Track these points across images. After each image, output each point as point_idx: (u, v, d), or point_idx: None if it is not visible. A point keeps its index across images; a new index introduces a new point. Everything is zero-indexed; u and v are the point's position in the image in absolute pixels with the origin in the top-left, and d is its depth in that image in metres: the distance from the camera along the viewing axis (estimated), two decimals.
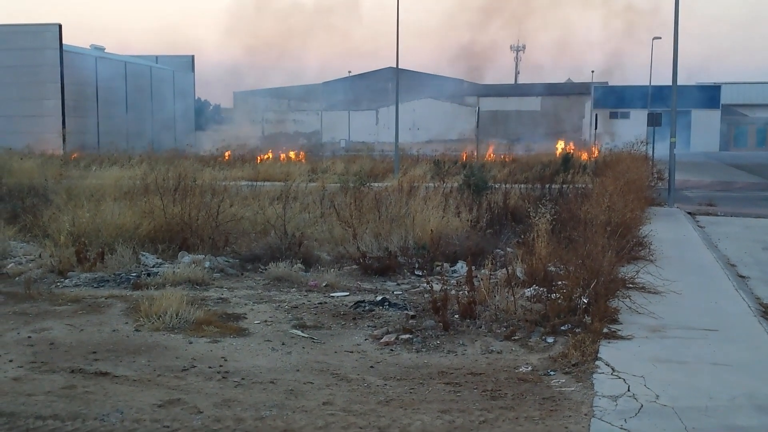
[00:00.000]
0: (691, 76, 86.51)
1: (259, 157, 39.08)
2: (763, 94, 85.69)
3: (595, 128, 52.81)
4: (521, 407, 6.10)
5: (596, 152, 44.32)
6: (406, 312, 9.07)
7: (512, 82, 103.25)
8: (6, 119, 53.89)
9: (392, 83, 48.77)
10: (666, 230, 16.55)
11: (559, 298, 8.64)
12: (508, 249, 12.74)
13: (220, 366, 7.08)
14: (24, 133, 49.21)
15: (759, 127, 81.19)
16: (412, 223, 13.33)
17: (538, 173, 27.15)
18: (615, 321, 8.45)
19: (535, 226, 11.47)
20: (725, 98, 79.97)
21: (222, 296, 9.96)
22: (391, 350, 7.70)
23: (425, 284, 9.92)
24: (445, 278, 9.88)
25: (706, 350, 7.59)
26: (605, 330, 8.01)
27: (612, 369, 6.91)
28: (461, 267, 11.49)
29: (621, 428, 5.62)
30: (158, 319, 8.33)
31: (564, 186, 20.28)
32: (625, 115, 76.33)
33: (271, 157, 40.01)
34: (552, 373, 6.95)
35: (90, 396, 6.24)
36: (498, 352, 7.62)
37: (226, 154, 38.23)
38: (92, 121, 59.35)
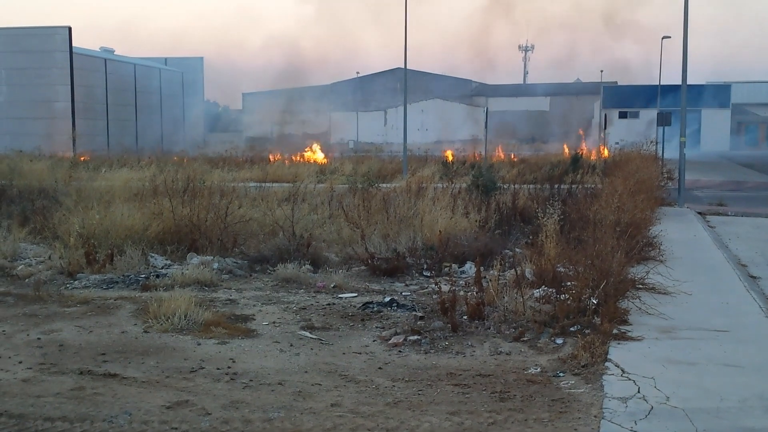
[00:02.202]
0: (701, 75, 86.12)
1: (273, 157, 39.21)
2: None
3: (605, 128, 52.62)
4: (530, 409, 6.07)
5: (605, 152, 44.15)
6: (414, 313, 9.05)
7: (521, 81, 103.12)
8: (16, 121, 54.24)
9: (400, 84, 48.76)
10: (676, 230, 16.46)
11: (569, 299, 8.60)
12: (517, 250, 12.69)
13: (229, 367, 7.08)
14: (34, 135, 49.49)
15: None
16: (420, 224, 13.31)
17: (547, 173, 27.07)
18: (625, 322, 8.40)
19: (544, 226, 11.43)
20: (735, 97, 79.57)
21: (230, 297, 9.97)
22: (400, 351, 7.68)
23: (434, 285, 9.90)
24: (454, 279, 9.87)
25: (716, 351, 7.54)
26: (615, 331, 7.97)
27: (622, 370, 6.87)
28: (470, 268, 11.47)
29: (631, 430, 5.58)
30: (167, 320, 8.34)
31: (573, 186, 20.20)
32: (635, 115, 76.09)
33: (281, 158, 40.12)
34: (561, 374, 6.92)
35: (99, 397, 6.25)
36: (507, 354, 7.59)
37: (241, 159, 38.29)
38: (102, 123, 59.65)
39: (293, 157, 40.69)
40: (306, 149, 44.26)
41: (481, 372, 7.01)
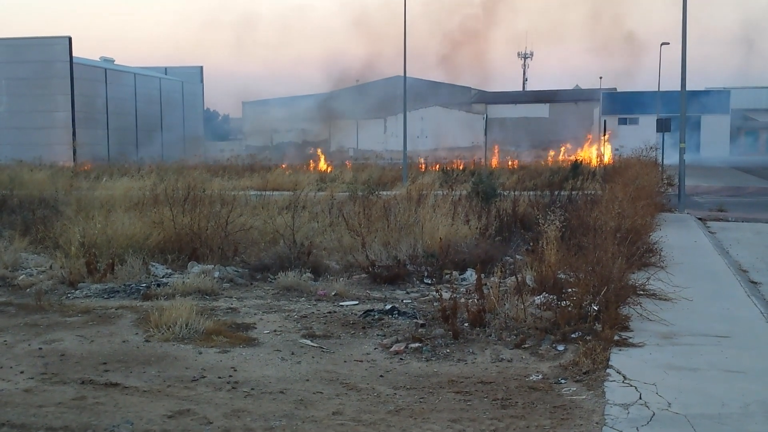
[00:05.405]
0: (701, 81, 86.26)
1: (278, 166, 39.40)
2: None
3: (604, 134, 52.66)
4: (532, 416, 6.07)
5: (606, 156, 44.17)
6: (415, 320, 9.05)
7: (520, 89, 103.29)
8: (17, 131, 54.35)
9: (400, 91, 49.04)
10: (676, 236, 16.47)
11: (570, 305, 8.60)
12: (518, 256, 12.70)
13: (230, 376, 7.08)
14: (35, 145, 49.60)
15: None
16: (421, 232, 13.31)
17: (547, 180, 27.09)
18: (626, 328, 8.40)
19: (545, 233, 11.43)
20: (735, 103, 79.65)
21: (231, 306, 9.97)
22: (401, 359, 7.68)
23: (434, 292, 9.91)
24: (455, 286, 9.86)
25: (718, 357, 7.53)
26: (616, 337, 7.96)
27: (623, 377, 6.86)
28: (470, 275, 11.47)
29: None
30: (168, 329, 8.34)
31: (573, 192, 20.20)
32: (634, 121, 76.18)
33: (286, 167, 40.25)
34: (563, 381, 6.92)
35: (100, 407, 6.25)
36: (508, 361, 7.59)
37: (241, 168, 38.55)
38: (102, 133, 59.77)
39: (301, 167, 40.86)
40: (314, 160, 44.65)
41: (482, 379, 7.01)
